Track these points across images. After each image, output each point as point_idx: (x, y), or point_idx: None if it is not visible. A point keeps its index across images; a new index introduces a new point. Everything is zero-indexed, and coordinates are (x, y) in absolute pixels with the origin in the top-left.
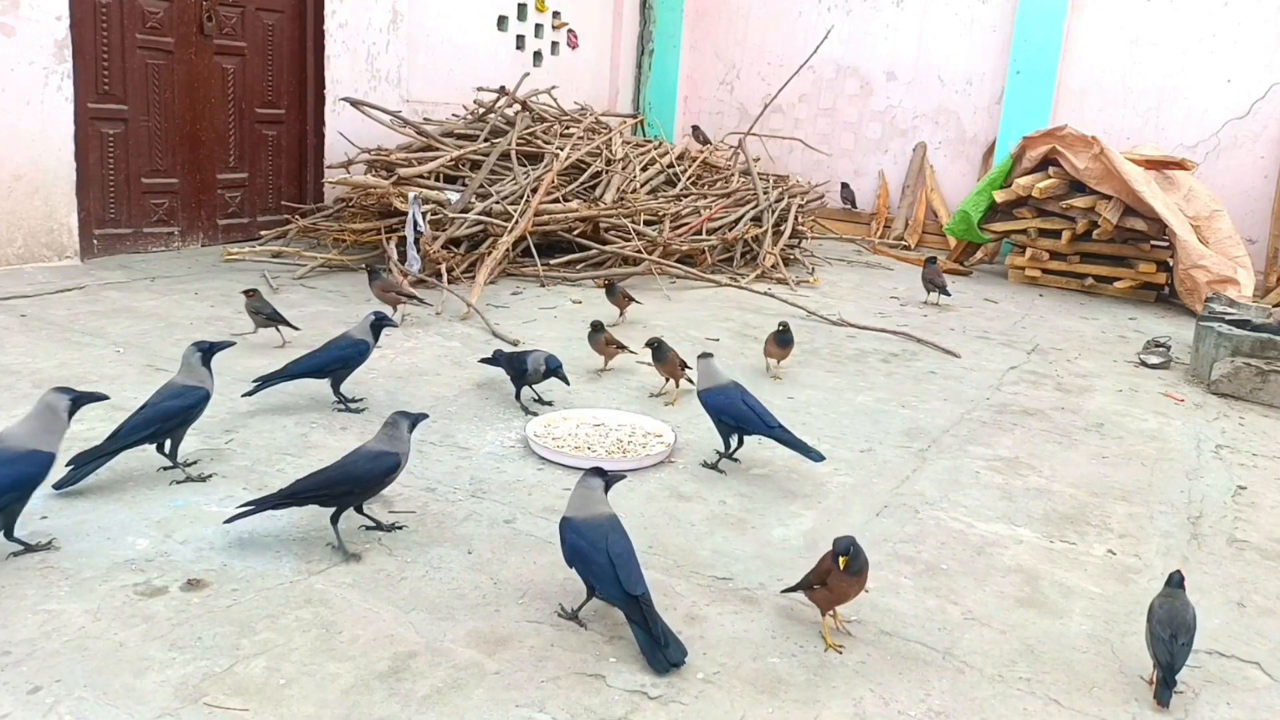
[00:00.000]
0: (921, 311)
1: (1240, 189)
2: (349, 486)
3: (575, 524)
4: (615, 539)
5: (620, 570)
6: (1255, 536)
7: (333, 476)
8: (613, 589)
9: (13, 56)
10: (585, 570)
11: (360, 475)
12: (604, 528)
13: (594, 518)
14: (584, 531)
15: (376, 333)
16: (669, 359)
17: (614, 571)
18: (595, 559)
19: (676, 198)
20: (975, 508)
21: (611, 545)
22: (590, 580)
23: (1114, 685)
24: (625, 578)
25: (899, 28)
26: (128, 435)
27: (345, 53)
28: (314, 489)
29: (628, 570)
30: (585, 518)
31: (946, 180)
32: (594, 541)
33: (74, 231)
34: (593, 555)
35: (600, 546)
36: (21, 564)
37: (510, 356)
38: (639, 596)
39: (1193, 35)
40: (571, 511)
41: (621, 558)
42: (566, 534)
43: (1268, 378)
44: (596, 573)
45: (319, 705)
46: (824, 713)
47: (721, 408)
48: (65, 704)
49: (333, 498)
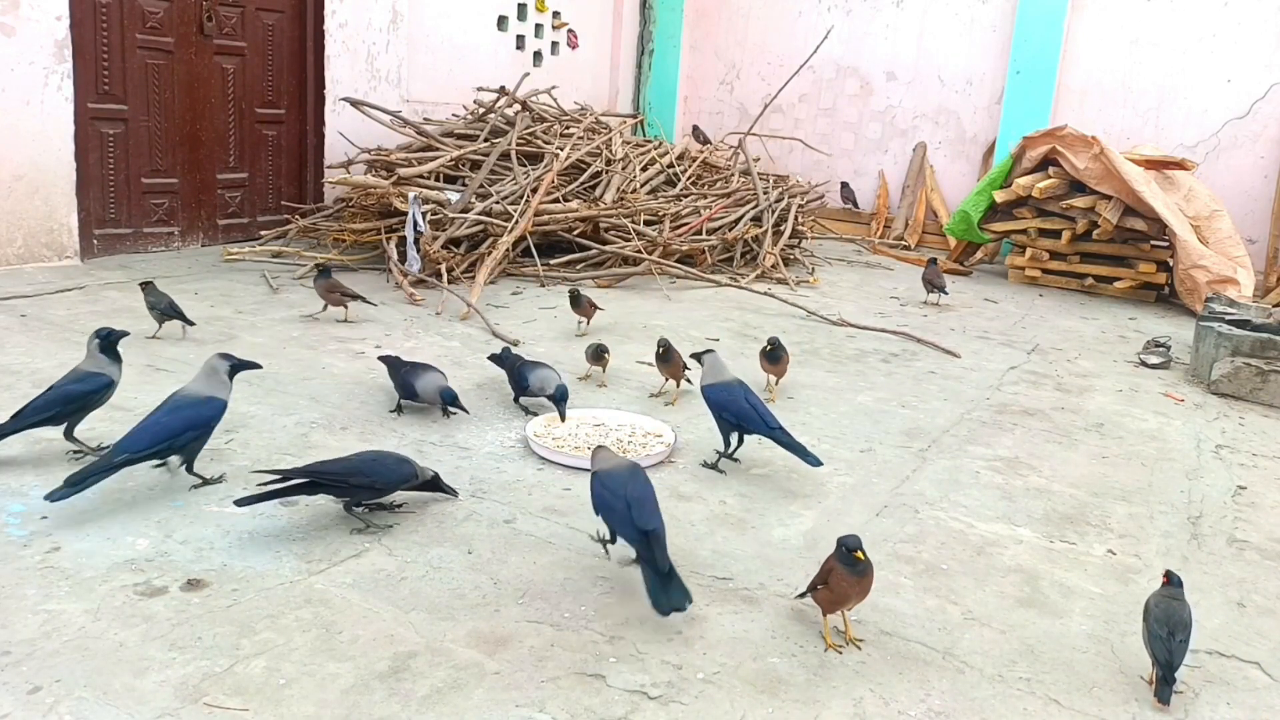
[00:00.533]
0: (921, 311)
1: (1240, 189)
2: (370, 482)
3: (600, 476)
4: (634, 485)
5: (634, 510)
6: (1255, 536)
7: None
8: (628, 529)
9: (13, 56)
10: (608, 516)
11: (383, 475)
12: (624, 476)
13: (616, 468)
14: (607, 481)
15: (112, 354)
16: (674, 361)
17: (629, 512)
18: (615, 505)
19: (676, 198)
20: (975, 508)
21: (630, 490)
22: (611, 524)
23: (1114, 685)
24: (638, 516)
25: (899, 28)
26: (30, 415)
27: (345, 53)
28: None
29: (641, 509)
30: (608, 469)
31: (946, 180)
32: (614, 489)
33: (74, 231)
34: (613, 502)
35: (620, 493)
36: (21, 564)
37: (515, 366)
38: (650, 532)
39: (1193, 35)
40: (597, 466)
41: (638, 500)
42: (594, 486)
43: (1268, 378)
44: (616, 517)
45: (319, 705)
46: (824, 713)
47: (723, 404)
48: (65, 704)
49: (349, 489)
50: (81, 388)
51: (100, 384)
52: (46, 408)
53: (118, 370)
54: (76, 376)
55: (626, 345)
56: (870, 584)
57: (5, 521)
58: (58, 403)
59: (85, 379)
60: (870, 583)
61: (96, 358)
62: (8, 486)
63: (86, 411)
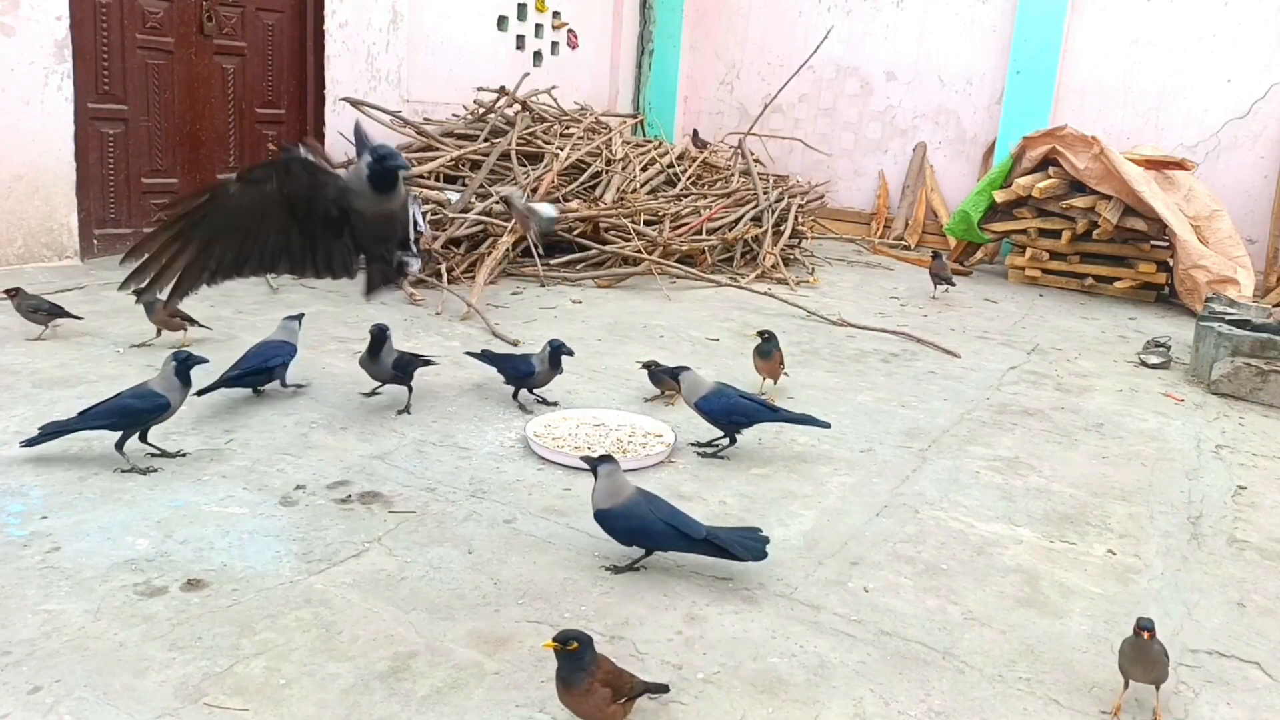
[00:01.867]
0: (921, 311)
1: (1240, 189)
2: (128, 420)
3: (617, 513)
4: (656, 505)
5: (680, 526)
6: (1255, 536)
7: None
8: (680, 543)
9: (13, 56)
10: (648, 542)
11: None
12: (643, 504)
13: (629, 500)
14: (630, 515)
15: (184, 378)
16: (664, 381)
17: (676, 530)
18: (654, 530)
19: (676, 198)
20: (975, 508)
21: (658, 511)
22: (656, 546)
23: (1114, 685)
24: (687, 530)
25: (899, 28)
26: (90, 420)
27: (345, 53)
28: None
29: (682, 522)
30: (621, 503)
31: (946, 180)
32: (644, 517)
33: (74, 231)
34: (650, 529)
35: (651, 519)
36: (21, 564)
37: (511, 360)
38: (705, 539)
39: (1193, 35)
40: (606, 503)
41: (673, 516)
42: (617, 523)
43: (1268, 378)
44: (661, 540)
45: (319, 705)
46: (824, 713)
47: (729, 409)
48: (65, 704)
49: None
50: (139, 404)
51: (158, 405)
52: (103, 416)
53: (181, 396)
54: (140, 393)
55: (627, 345)
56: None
57: (5, 521)
58: (114, 414)
59: (145, 397)
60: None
61: (169, 379)
62: (8, 486)
63: (138, 428)
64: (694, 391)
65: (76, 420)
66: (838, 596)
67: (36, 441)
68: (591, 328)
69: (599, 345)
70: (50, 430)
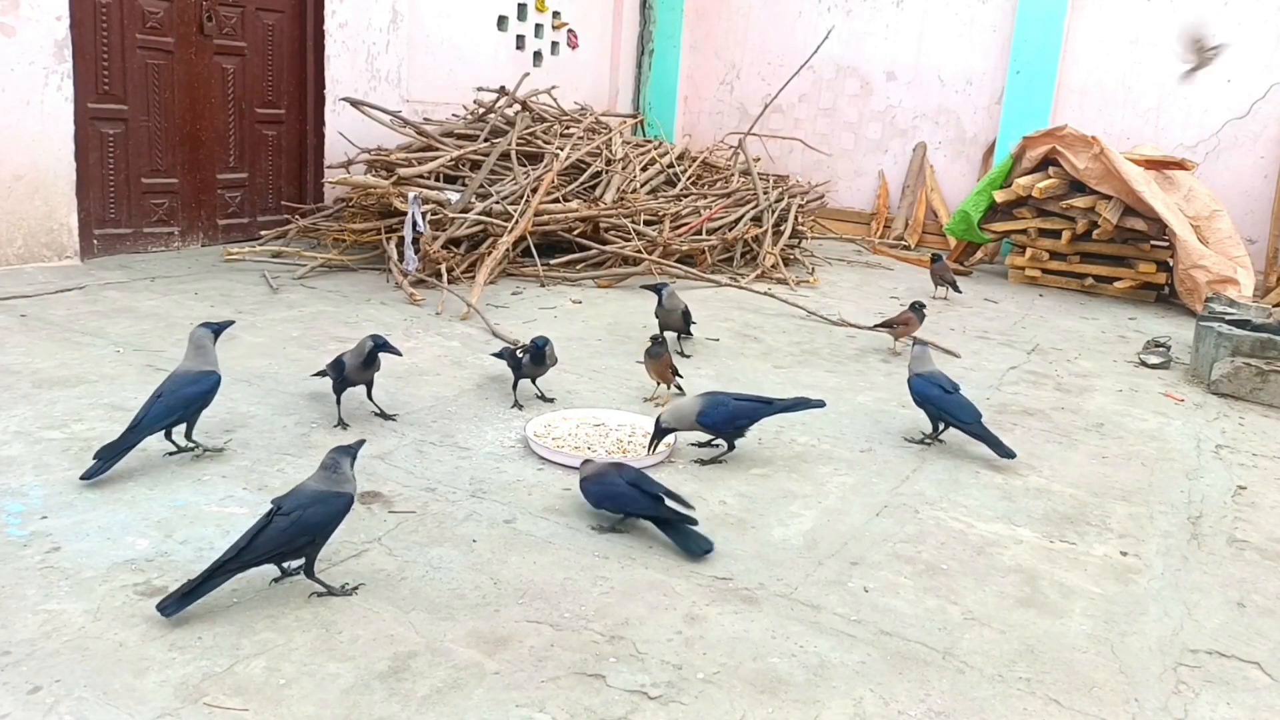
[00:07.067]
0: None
1: (1240, 189)
2: (309, 537)
3: (590, 479)
4: (625, 471)
5: (640, 486)
6: (1255, 536)
7: (288, 531)
8: (639, 502)
9: (13, 56)
10: (615, 504)
11: (317, 523)
12: (611, 471)
13: (601, 469)
14: (600, 480)
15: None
16: (663, 359)
17: (636, 490)
18: (618, 490)
19: (676, 198)
20: (975, 508)
21: (624, 475)
22: (621, 508)
23: (1114, 685)
24: (647, 489)
25: (899, 28)
26: (151, 424)
27: (345, 53)
28: (270, 548)
29: (643, 483)
30: (594, 472)
31: (946, 180)
32: (611, 481)
33: (74, 231)
34: (615, 490)
35: (617, 482)
36: (21, 564)
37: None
38: (661, 498)
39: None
40: (583, 475)
41: (637, 478)
42: (588, 488)
43: (1268, 378)
44: (623, 499)
45: (319, 705)
46: (824, 713)
47: (732, 415)
48: (65, 704)
49: (293, 552)
50: (198, 389)
51: (215, 381)
52: (168, 414)
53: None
54: (190, 379)
55: (626, 345)
56: None
57: (5, 521)
58: (179, 407)
59: (199, 380)
60: None
61: (207, 354)
62: (8, 486)
63: (200, 412)
64: (688, 415)
65: (132, 435)
66: (838, 596)
67: (98, 472)
68: (591, 328)
69: (599, 345)
70: (108, 455)
